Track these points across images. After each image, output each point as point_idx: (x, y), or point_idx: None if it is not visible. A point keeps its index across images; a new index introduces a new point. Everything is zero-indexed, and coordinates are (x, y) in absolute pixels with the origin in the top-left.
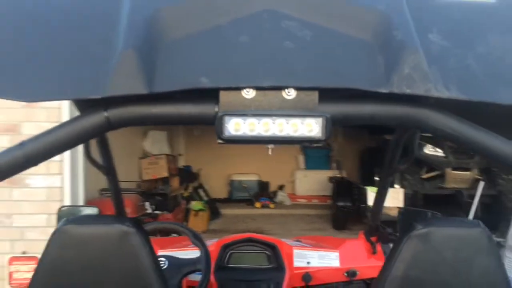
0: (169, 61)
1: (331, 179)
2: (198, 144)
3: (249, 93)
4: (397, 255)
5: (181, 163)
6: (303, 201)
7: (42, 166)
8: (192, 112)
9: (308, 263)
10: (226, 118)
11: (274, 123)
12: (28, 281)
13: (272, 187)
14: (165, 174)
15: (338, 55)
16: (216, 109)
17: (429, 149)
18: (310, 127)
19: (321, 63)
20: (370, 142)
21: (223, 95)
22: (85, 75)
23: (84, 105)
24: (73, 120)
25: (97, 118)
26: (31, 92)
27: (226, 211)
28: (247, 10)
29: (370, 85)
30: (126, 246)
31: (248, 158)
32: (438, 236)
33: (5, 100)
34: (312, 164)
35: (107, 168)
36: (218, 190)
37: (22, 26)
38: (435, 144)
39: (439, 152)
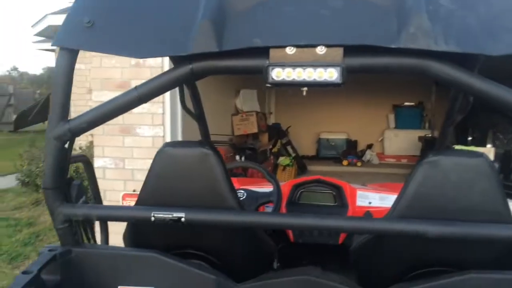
0: (233, 28)
1: (421, 138)
2: (288, 103)
3: (291, 50)
4: (411, 177)
5: (271, 120)
6: (391, 160)
7: (147, 118)
8: (249, 64)
9: (370, 203)
10: (270, 68)
11: (304, 71)
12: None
13: (361, 146)
14: (255, 130)
15: (359, 19)
16: (267, 62)
17: None
18: (331, 74)
19: (346, 25)
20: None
21: (272, 51)
22: (177, 39)
23: (177, 60)
24: (169, 71)
25: (184, 69)
26: (139, 51)
27: (313, 167)
28: None
29: (384, 42)
30: (205, 163)
31: (337, 117)
32: (445, 162)
33: (118, 61)
34: (403, 123)
35: (198, 115)
36: (306, 147)
37: (131, 6)
38: None
39: None
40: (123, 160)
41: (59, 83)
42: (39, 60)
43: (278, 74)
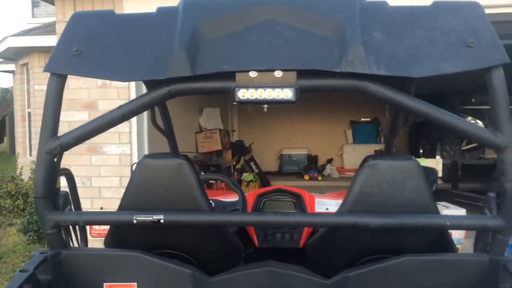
0: (205, 55)
1: (377, 152)
2: (250, 120)
3: (253, 74)
4: (356, 178)
5: (234, 138)
6: (351, 173)
7: (115, 137)
8: (218, 86)
9: (327, 208)
10: (236, 89)
11: (265, 91)
12: (106, 232)
13: (321, 161)
14: (218, 147)
15: (309, 48)
16: (234, 84)
17: (469, 121)
18: (287, 94)
19: (298, 53)
20: (417, 117)
21: (238, 75)
22: (156, 64)
23: (151, 85)
24: (148, 92)
25: (163, 91)
26: (122, 75)
27: (276, 182)
28: (253, 21)
29: (329, 66)
30: (181, 172)
31: (298, 133)
32: (382, 165)
33: (85, 82)
34: (360, 138)
35: (168, 132)
36: (269, 163)
37: (114, 37)
38: (476, 116)
39: (479, 124)
40: (90, 179)
41: (49, 104)
42: None
43: (243, 94)
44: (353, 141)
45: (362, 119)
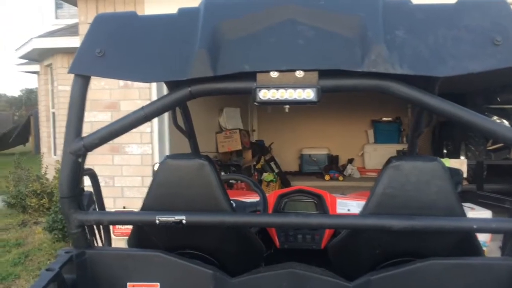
0: (225, 55)
1: (399, 152)
2: (270, 120)
3: (274, 74)
4: (379, 180)
5: (254, 137)
6: (372, 174)
7: (136, 137)
8: (239, 86)
9: (349, 209)
10: (257, 89)
11: (286, 92)
12: (129, 231)
13: (342, 161)
14: (238, 147)
15: (331, 48)
16: (255, 85)
17: (495, 121)
18: (309, 94)
19: (320, 53)
20: (441, 116)
21: (259, 75)
22: (177, 65)
23: (172, 85)
24: (170, 93)
25: (184, 91)
26: (145, 76)
27: (296, 183)
28: (274, 21)
29: (351, 66)
30: (202, 173)
31: (318, 133)
32: (406, 166)
33: (107, 83)
34: (381, 138)
35: (189, 132)
36: (289, 163)
37: (136, 38)
38: (502, 115)
39: (505, 123)
40: (113, 178)
41: (74, 105)
42: (18, 82)
43: (264, 94)
44: (374, 140)
45: (384, 119)
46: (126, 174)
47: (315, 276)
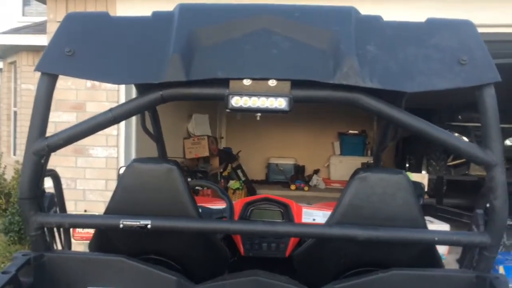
0: (199, 61)
1: (363, 164)
2: (238, 128)
3: (247, 82)
4: (345, 190)
5: (222, 145)
6: (337, 185)
7: (102, 139)
8: (212, 92)
9: (314, 219)
10: (230, 96)
11: (259, 100)
12: (90, 235)
13: (308, 171)
14: (206, 153)
15: (303, 58)
16: (227, 91)
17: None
18: (281, 103)
19: (293, 63)
20: (405, 132)
21: (231, 82)
22: (150, 68)
23: (142, 89)
24: (140, 96)
25: (155, 95)
26: (115, 77)
27: (263, 191)
28: (249, 29)
29: (323, 78)
30: (170, 177)
31: (286, 143)
32: (372, 178)
33: (73, 83)
34: (347, 150)
35: (157, 136)
36: (256, 172)
37: (108, 39)
38: (462, 133)
39: (465, 140)
40: (75, 181)
41: (38, 104)
42: None
43: (236, 101)
44: (340, 152)
45: (350, 131)
46: (89, 177)
47: (279, 284)
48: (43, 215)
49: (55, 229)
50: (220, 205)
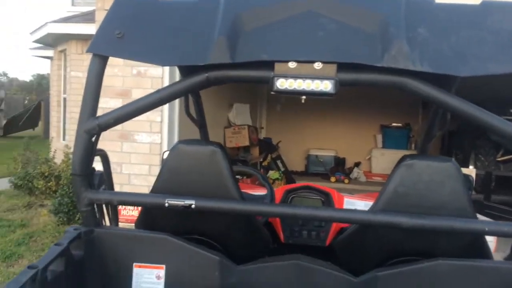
0: (244, 43)
1: None
2: (279, 119)
3: (292, 64)
4: (391, 177)
5: (262, 135)
6: (378, 179)
7: (146, 125)
8: (257, 74)
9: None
10: (275, 78)
11: (304, 82)
12: (135, 218)
13: (348, 164)
14: (246, 143)
15: (351, 41)
16: (272, 74)
17: None
18: (326, 86)
19: (340, 46)
20: (450, 124)
21: (277, 65)
22: (196, 50)
23: (187, 72)
24: (186, 78)
25: (201, 77)
26: (162, 59)
27: (302, 182)
28: (295, 11)
29: (370, 61)
30: (214, 159)
31: (326, 134)
32: (419, 165)
33: (120, 70)
34: (390, 143)
35: (200, 122)
36: (295, 163)
37: (156, 22)
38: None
39: None
40: (121, 165)
41: (90, 85)
42: (30, 67)
43: (281, 84)
44: (382, 145)
45: (393, 124)
46: (134, 162)
47: (321, 269)
48: (93, 191)
49: (104, 207)
50: (261, 192)
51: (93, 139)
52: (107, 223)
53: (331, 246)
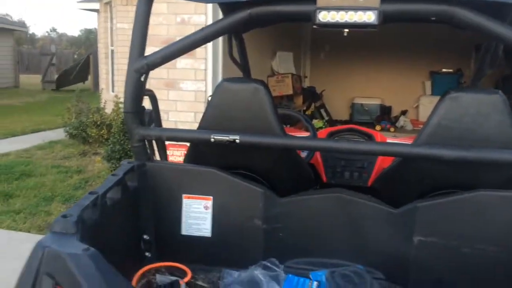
0: None
1: None
2: (323, 67)
3: None
4: (435, 110)
5: (306, 84)
6: None
7: (191, 73)
8: (299, 9)
9: None
10: (317, 11)
11: (347, 14)
12: (181, 159)
13: (395, 112)
14: (290, 91)
15: None
16: (315, 7)
17: None
18: (370, 17)
19: None
20: (505, 69)
21: None
22: None
23: (229, 10)
24: (229, 16)
25: (243, 14)
26: None
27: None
28: None
29: None
30: (257, 96)
31: (371, 82)
32: (465, 98)
33: (164, 18)
34: (439, 90)
35: (243, 65)
36: (340, 111)
37: None
38: None
39: None
40: (167, 113)
41: (138, 25)
42: (78, 22)
43: (324, 16)
44: (431, 92)
45: (444, 70)
46: (180, 110)
47: (362, 201)
48: (144, 128)
49: (154, 143)
50: (305, 134)
51: (142, 78)
52: (157, 158)
53: (372, 187)
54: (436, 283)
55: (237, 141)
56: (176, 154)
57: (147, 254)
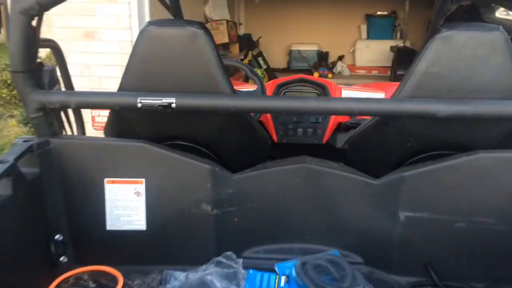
0: None
1: (392, 48)
2: (258, 13)
3: None
4: (421, 54)
5: (241, 31)
6: (362, 71)
7: (113, 21)
8: None
9: None
10: None
11: None
12: None
13: (332, 58)
14: (225, 39)
15: None
16: None
17: (500, 13)
18: None
19: None
20: None
21: None
22: None
23: None
24: None
25: None
26: None
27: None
28: None
29: None
30: (196, 44)
31: (308, 28)
32: (459, 37)
33: None
34: (375, 33)
35: (174, 8)
36: (277, 59)
37: None
38: (509, 7)
39: None
40: (89, 68)
41: None
42: None
43: None
44: (367, 36)
45: (378, 13)
46: (104, 63)
47: (335, 172)
48: (42, 92)
49: (62, 113)
50: (252, 87)
51: (34, 22)
52: (69, 132)
53: (328, 144)
54: (425, 266)
55: (173, 105)
56: (103, 114)
57: (62, 259)
